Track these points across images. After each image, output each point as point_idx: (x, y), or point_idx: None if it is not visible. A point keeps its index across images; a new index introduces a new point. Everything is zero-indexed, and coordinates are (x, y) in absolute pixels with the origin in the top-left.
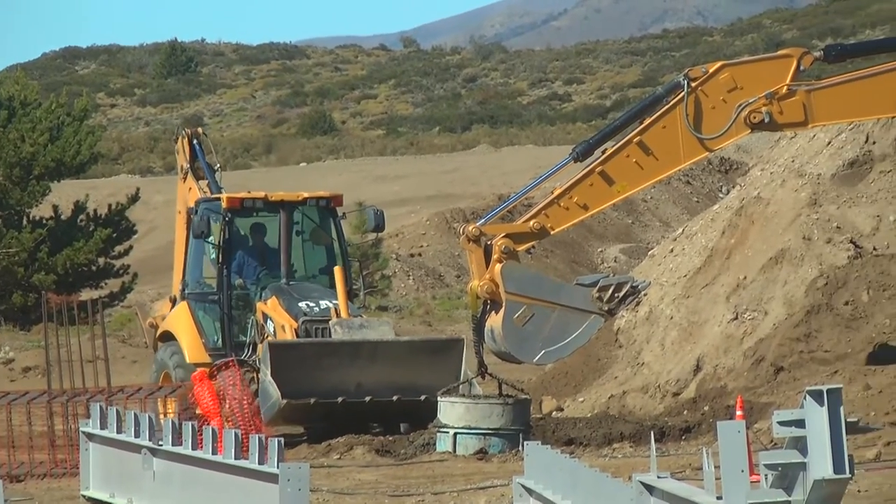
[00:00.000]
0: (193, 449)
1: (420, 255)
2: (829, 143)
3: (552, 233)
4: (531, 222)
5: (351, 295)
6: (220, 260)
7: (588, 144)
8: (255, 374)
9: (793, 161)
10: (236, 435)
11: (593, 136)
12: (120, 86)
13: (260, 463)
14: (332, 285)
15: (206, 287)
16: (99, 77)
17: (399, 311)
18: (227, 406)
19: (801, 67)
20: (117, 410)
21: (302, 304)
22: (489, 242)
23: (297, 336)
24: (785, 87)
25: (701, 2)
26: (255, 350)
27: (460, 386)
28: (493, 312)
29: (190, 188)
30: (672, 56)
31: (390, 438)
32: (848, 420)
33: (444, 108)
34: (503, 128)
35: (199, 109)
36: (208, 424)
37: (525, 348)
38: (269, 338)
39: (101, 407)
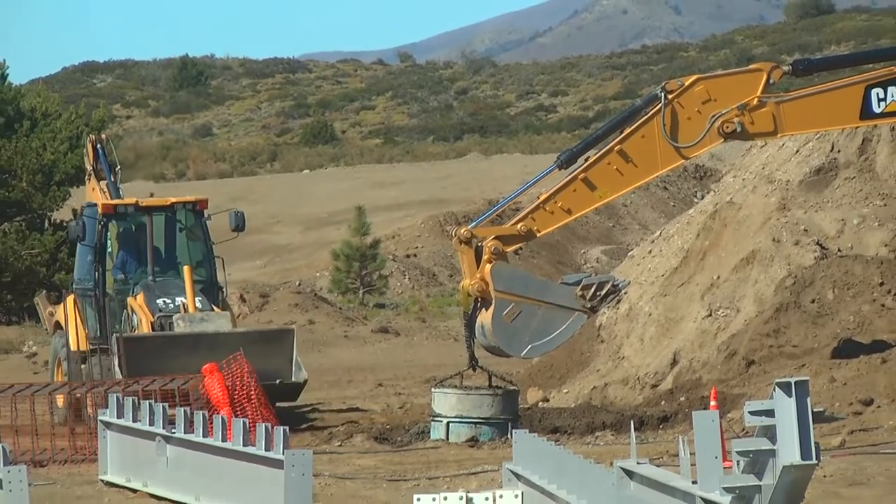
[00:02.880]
0: (204, 436)
1: (415, 255)
2: (797, 151)
3: (538, 235)
4: (519, 225)
5: (216, 288)
6: (96, 259)
7: (572, 153)
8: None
9: (763, 168)
10: (244, 423)
11: (577, 144)
12: (135, 98)
13: (266, 450)
14: (207, 279)
15: (88, 283)
16: (115, 90)
17: (395, 308)
18: (237, 396)
19: (771, 81)
20: (133, 400)
21: (159, 301)
22: (480, 244)
23: (153, 329)
24: (756, 99)
25: (677, 19)
26: None
27: (452, 378)
28: (484, 309)
29: (93, 188)
30: (650, 70)
31: (388, 427)
32: (814, 410)
33: (438, 119)
34: (492, 137)
35: (209, 120)
36: (218, 413)
37: (513, 343)
38: (136, 330)
39: (117, 397)
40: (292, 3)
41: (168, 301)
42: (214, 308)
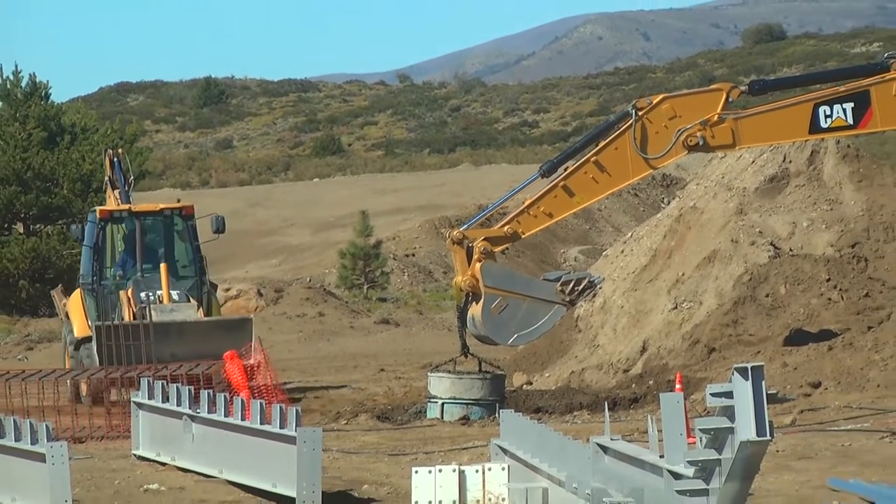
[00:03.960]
0: (225, 416)
1: (413, 255)
2: (753, 161)
3: (523, 236)
4: (505, 228)
5: (199, 283)
6: (94, 258)
7: (553, 163)
8: None
9: (723, 177)
10: (261, 404)
11: (557, 156)
12: (163, 115)
13: (281, 427)
14: (193, 275)
15: (89, 278)
16: (146, 107)
17: (396, 302)
18: (255, 380)
19: (730, 99)
20: (162, 383)
21: (142, 294)
22: (471, 244)
23: (134, 318)
24: (716, 116)
25: (646, 45)
26: None
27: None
28: (474, 303)
29: (109, 196)
30: (622, 90)
31: (389, 407)
32: (768, 392)
33: (433, 133)
34: (482, 149)
35: (230, 134)
36: (238, 395)
37: (501, 333)
38: (125, 320)
39: (148, 381)
40: (304, 30)
41: (150, 294)
42: (191, 300)
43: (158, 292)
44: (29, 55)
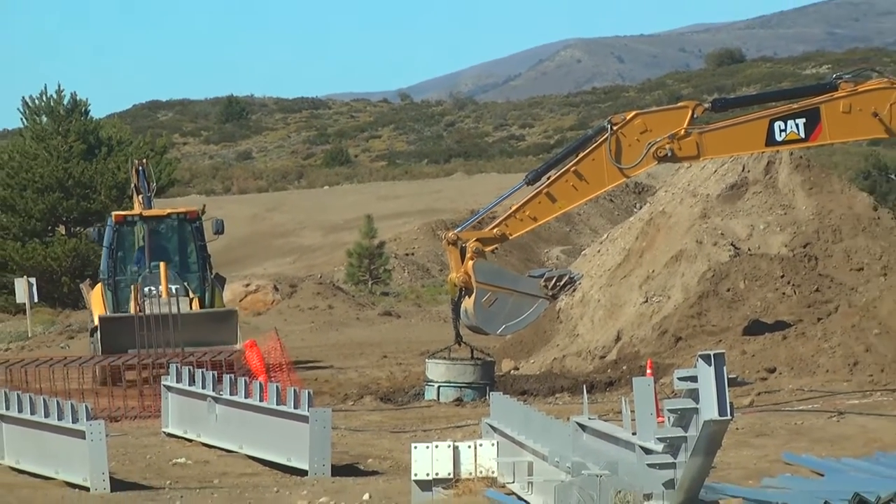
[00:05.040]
0: (245, 397)
1: (413, 254)
2: (716, 171)
3: (510, 238)
4: (495, 230)
5: (202, 278)
6: (110, 256)
7: (537, 172)
8: None
9: (688, 185)
10: (277, 387)
11: (540, 166)
12: (190, 129)
13: (294, 408)
14: (197, 271)
15: (106, 274)
16: (174, 122)
17: (397, 296)
18: (272, 366)
19: (695, 115)
20: (189, 368)
21: (146, 289)
22: (464, 245)
23: (139, 310)
24: (683, 130)
25: (620, 67)
26: None
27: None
28: (467, 297)
29: (135, 201)
30: (599, 107)
31: (391, 390)
32: (729, 377)
33: (431, 146)
34: (474, 160)
35: (249, 147)
36: (256, 379)
37: (490, 323)
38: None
39: (176, 366)
40: (316, 53)
41: (152, 288)
42: (191, 293)
43: (161, 287)
44: (70, 75)
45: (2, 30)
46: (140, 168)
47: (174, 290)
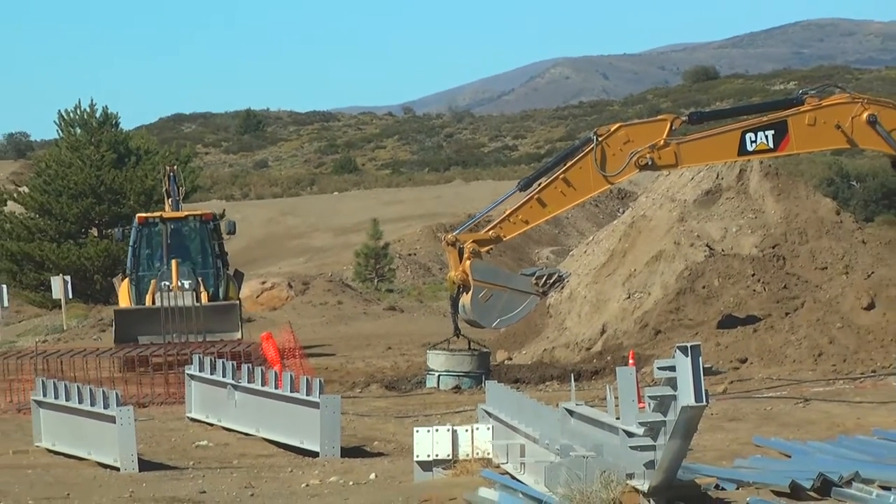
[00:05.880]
0: (262, 385)
1: (415, 254)
2: (692, 178)
3: (504, 239)
4: (490, 232)
5: (216, 273)
6: (132, 254)
7: (528, 179)
8: None
9: (667, 191)
10: (291, 376)
11: (532, 174)
12: (211, 140)
13: (307, 395)
14: (211, 268)
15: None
16: (197, 134)
17: (401, 293)
18: (286, 356)
19: (673, 127)
20: (210, 359)
21: (162, 283)
22: (462, 246)
23: (154, 303)
24: (662, 141)
25: (605, 83)
26: None
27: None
28: (465, 293)
29: (165, 204)
30: (585, 120)
31: (395, 378)
32: (704, 366)
33: (431, 155)
34: (471, 168)
35: (265, 156)
36: (272, 368)
37: (486, 318)
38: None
39: (199, 356)
40: (326, 70)
41: (167, 283)
42: (202, 287)
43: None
44: (102, 90)
45: (43, 50)
46: (171, 174)
47: (187, 285)
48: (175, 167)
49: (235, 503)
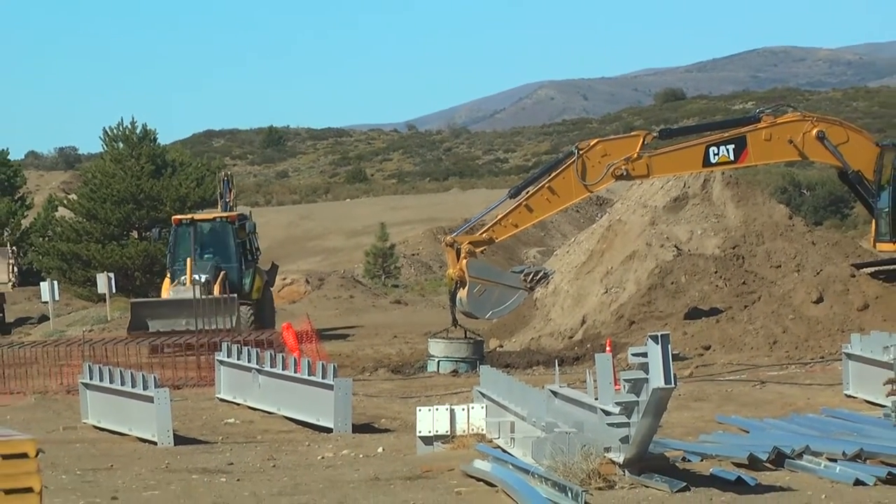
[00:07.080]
0: (283, 369)
1: (418, 254)
2: (662, 186)
3: (496, 241)
4: (484, 234)
5: (240, 268)
6: (170, 252)
7: (518, 188)
8: None
9: (640, 198)
10: (308, 361)
11: (520, 183)
12: (238, 153)
13: (322, 378)
14: (235, 265)
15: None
16: (226, 148)
17: (405, 288)
18: (304, 344)
19: (646, 142)
20: (237, 346)
21: (179, 278)
22: (459, 246)
23: (171, 294)
24: (636, 154)
25: (585, 103)
26: None
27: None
28: (462, 288)
29: (218, 205)
30: (568, 135)
31: (400, 363)
32: (673, 353)
33: (432, 167)
34: (467, 178)
35: (286, 167)
36: (291, 355)
37: (480, 310)
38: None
39: (227, 344)
40: (339, 91)
41: (184, 278)
42: (216, 281)
43: (194, 276)
44: (142, 108)
45: (90, 74)
46: (225, 178)
47: (202, 279)
48: (229, 173)
49: (259, 473)
